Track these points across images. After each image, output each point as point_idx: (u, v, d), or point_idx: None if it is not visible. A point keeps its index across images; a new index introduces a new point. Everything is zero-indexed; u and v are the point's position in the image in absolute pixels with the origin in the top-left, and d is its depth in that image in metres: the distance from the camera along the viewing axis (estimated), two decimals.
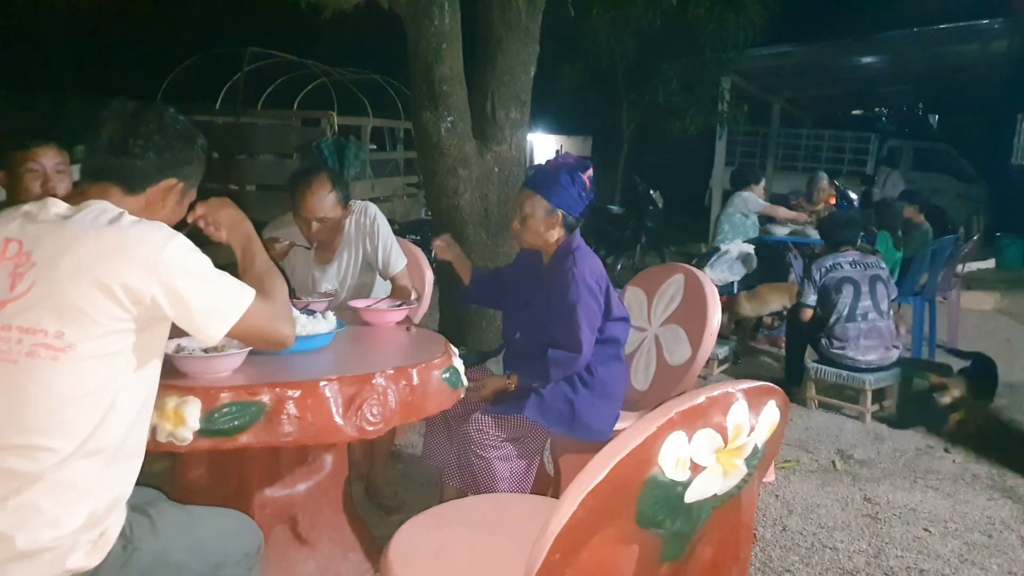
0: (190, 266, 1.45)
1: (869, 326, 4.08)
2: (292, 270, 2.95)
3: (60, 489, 1.32)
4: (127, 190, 1.52)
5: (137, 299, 1.38)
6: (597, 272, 2.48)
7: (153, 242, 1.41)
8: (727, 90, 10.38)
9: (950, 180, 13.32)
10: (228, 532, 1.59)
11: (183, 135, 1.59)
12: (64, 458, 1.32)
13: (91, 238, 1.38)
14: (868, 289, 4.11)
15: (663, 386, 2.72)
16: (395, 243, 3.02)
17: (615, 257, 8.32)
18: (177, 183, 1.59)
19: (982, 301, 7.28)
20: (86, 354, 1.35)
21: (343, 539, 2.35)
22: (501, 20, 3.87)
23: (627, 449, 1.14)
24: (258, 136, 7.56)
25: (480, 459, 2.39)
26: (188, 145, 1.60)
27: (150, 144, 1.52)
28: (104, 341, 1.36)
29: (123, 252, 1.38)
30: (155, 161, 1.53)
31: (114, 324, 1.37)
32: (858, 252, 4.29)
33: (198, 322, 1.46)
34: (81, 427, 1.34)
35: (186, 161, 1.59)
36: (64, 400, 1.33)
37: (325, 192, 2.73)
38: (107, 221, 1.42)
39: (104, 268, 1.36)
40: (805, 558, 2.71)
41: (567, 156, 2.73)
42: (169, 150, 1.55)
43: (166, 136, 1.55)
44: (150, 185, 1.54)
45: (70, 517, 1.32)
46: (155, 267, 1.39)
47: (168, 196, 1.58)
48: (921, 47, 10.22)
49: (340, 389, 1.82)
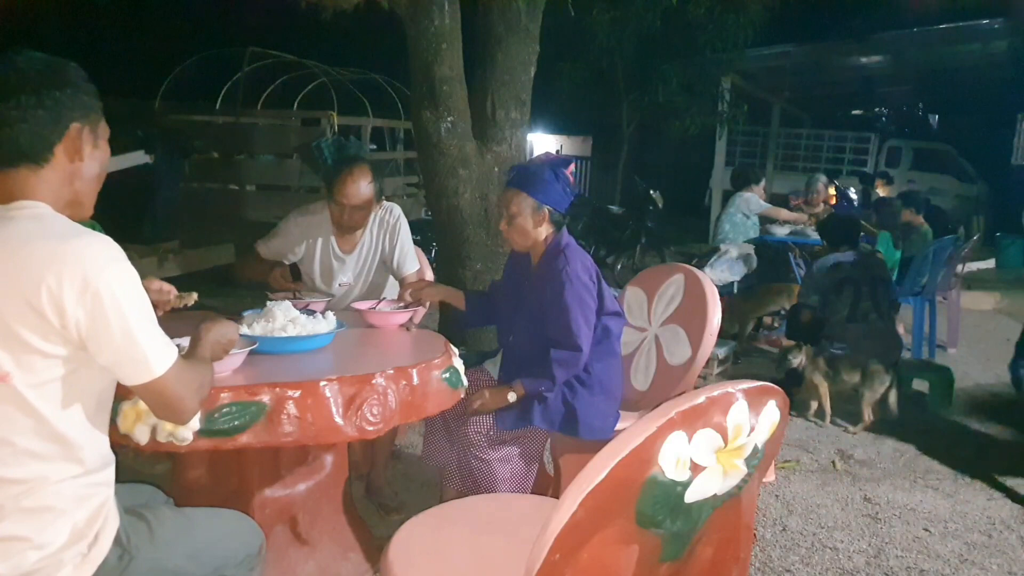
0: (126, 299, 1.28)
1: (869, 326, 4.07)
2: (312, 257, 3.00)
3: (35, 514, 1.28)
4: (34, 162, 1.32)
5: (64, 323, 1.24)
6: (589, 267, 2.48)
7: (94, 261, 1.25)
8: (727, 90, 10.38)
9: (950, 180, 13.33)
10: (228, 534, 1.57)
11: (51, 72, 1.34)
12: (30, 485, 1.28)
13: (25, 251, 1.24)
14: (869, 290, 4.10)
15: (663, 386, 2.72)
16: (412, 247, 3.09)
17: (615, 257, 8.31)
18: (81, 127, 1.36)
19: (982, 301, 7.29)
20: (24, 382, 1.25)
21: (343, 539, 2.35)
22: (501, 20, 3.87)
23: (627, 449, 1.14)
24: (258, 136, 7.55)
25: (481, 462, 2.38)
26: (63, 80, 1.34)
27: (23, 100, 1.29)
28: (42, 367, 1.26)
29: (59, 267, 1.23)
30: (43, 116, 1.31)
31: (48, 348, 1.25)
32: (858, 252, 4.29)
33: (114, 362, 1.30)
34: (40, 452, 1.28)
35: (73, 99, 1.35)
36: (15, 431, 1.26)
37: (366, 181, 2.82)
38: (44, 230, 1.27)
39: (35, 286, 1.22)
40: (805, 558, 2.71)
41: (546, 154, 2.74)
42: (48, 95, 1.31)
43: (34, 82, 1.31)
44: (56, 143, 1.33)
45: (52, 537, 1.29)
46: (86, 288, 1.23)
47: (81, 144, 1.36)
48: (921, 47, 10.24)
49: (340, 389, 1.82)
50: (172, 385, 1.36)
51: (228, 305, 3.04)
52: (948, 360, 5.23)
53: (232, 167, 7.51)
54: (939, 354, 5.54)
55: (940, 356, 5.49)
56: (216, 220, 6.68)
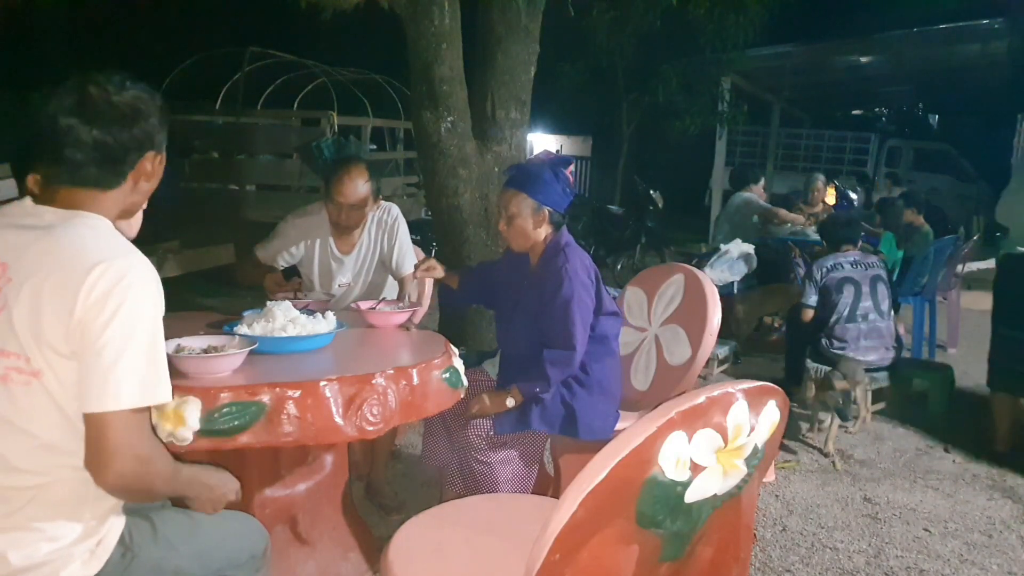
0: (140, 324, 1.27)
1: (869, 327, 4.07)
2: (311, 259, 3.01)
3: (51, 506, 1.30)
4: (105, 188, 1.36)
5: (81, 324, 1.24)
6: (588, 266, 2.48)
7: (131, 278, 1.27)
8: (727, 90, 10.38)
9: (950, 180, 13.33)
10: (233, 535, 1.57)
11: (141, 100, 1.37)
12: (50, 479, 1.30)
13: (74, 256, 1.27)
14: (869, 289, 4.10)
15: (663, 386, 2.72)
16: (411, 246, 3.11)
17: (615, 257, 8.31)
18: (155, 155, 1.41)
19: (982, 301, 7.25)
20: (53, 380, 1.26)
21: (343, 539, 2.35)
22: (501, 20, 3.87)
23: (627, 449, 1.14)
24: (258, 136, 7.55)
25: (482, 464, 2.38)
26: (149, 111, 1.37)
27: (112, 126, 1.32)
28: (67, 368, 1.26)
29: (99, 276, 1.25)
30: (126, 142, 1.34)
31: (70, 351, 1.26)
32: (859, 252, 4.29)
33: (86, 380, 1.25)
34: (63, 447, 1.29)
35: (155, 130, 1.39)
36: (43, 426, 1.28)
37: (363, 180, 2.84)
38: (97, 240, 1.30)
39: (75, 291, 1.24)
40: (805, 558, 2.71)
41: (545, 153, 2.73)
42: (138, 128, 1.35)
43: (124, 111, 1.34)
44: (129, 171, 1.37)
45: (65, 531, 1.31)
46: (109, 297, 1.24)
47: (149, 170, 1.41)
48: (921, 47, 10.23)
49: (340, 389, 1.82)
50: (120, 430, 1.25)
51: (228, 305, 3.04)
52: (948, 360, 5.23)
53: (232, 167, 7.51)
54: (939, 354, 5.54)
55: (940, 356, 5.50)
56: (216, 220, 6.68)
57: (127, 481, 1.28)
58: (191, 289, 6.17)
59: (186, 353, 1.85)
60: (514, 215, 2.46)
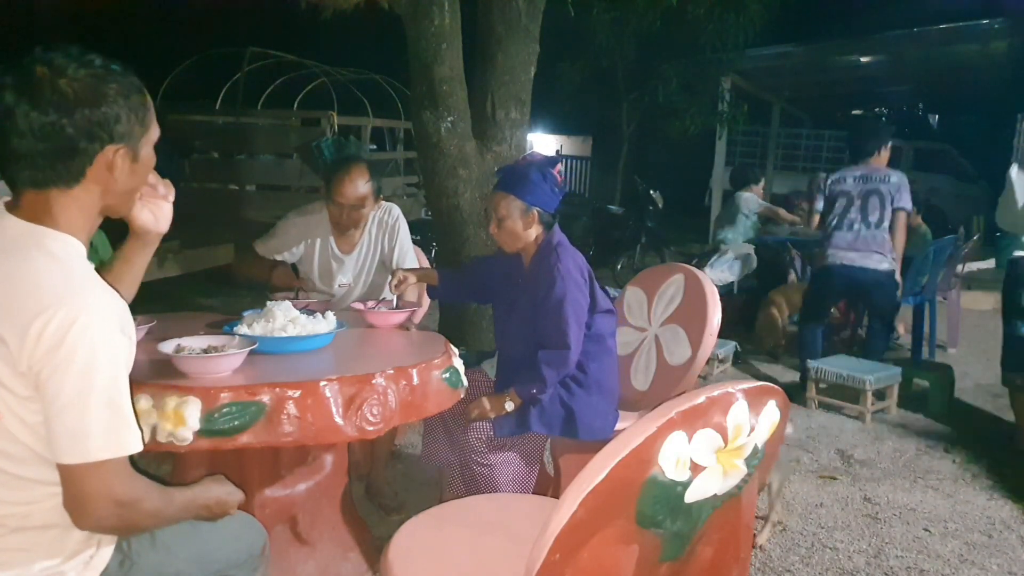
0: (101, 366, 1.16)
1: (854, 235, 4.33)
2: (311, 259, 3.01)
3: (39, 530, 1.27)
4: (64, 186, 1.22)
5: (33, 367, 1.15)
6: (581, 265, 2.48)
7: (88, 316, 1.15)
8: (727, 90, 10.37)
9: (950, 180, 13.31)
10: (231, 535, 1.56)
11: (97, 84, 1.19)
12: (33, 507, 1.26)
13: (10, 301, 1.15)
14: (860, 202, 4.33)
15: (663, 386, 2.72)
16: (411, 246, 3.10)
17: (615, 257, 8.31)
18: (117, 148, 1.23)
19: (982, 301, 7.27)
20: (15, 422, 1.20)
21: (343, 539, 2.35)
22: (501, 20, 3.87)
23: (627, 449, 1.14)
24: (258, 136, 7.56)
25: (482, 467, 2.38)
26: (100, 97, 1.19)
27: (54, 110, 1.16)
28: (28, 409, 1.19)
29: (54, 312, 1.14)
30: (72, 130, 1.18)
31: (24, 392, 1.17)
32: (873, 167, 4.41)
33: (50, 431, 1.16)
34: (41, 478, 1.24)
35: (109, 119, 1.21)
36: (14, 463, 1.22)
37: (363, 180, 2.85)
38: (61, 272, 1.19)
39: (8, 342, 1.14)
40: (805, 558, 2.71)
41: (533, 154, 2.73)
42: (80, 116, 1.18)
43: (68, 93, 1.17)
44: (87, 166, 1.22)
45: (56, 549, 1.28)
46: (63, 340, 1.13)
47: (115, 164, 1.24)
48: (921, 47, 10.21)
49: (340, 389, 1.82)
50: (94, 479, 1.17)
51: (228, 305, 3.04)
52: (948, 360, 5.23)
53: (232, 167, 7.51)
54: (939, 354, 5.54)
55: (940, 356, 5.49)
56: (216, 220, 6.68)
57: (110, 524, 1.23)
58: (191, 289, 6.18)
59: (186, 353, 1.85)
60: (504, 217, 2.46)
